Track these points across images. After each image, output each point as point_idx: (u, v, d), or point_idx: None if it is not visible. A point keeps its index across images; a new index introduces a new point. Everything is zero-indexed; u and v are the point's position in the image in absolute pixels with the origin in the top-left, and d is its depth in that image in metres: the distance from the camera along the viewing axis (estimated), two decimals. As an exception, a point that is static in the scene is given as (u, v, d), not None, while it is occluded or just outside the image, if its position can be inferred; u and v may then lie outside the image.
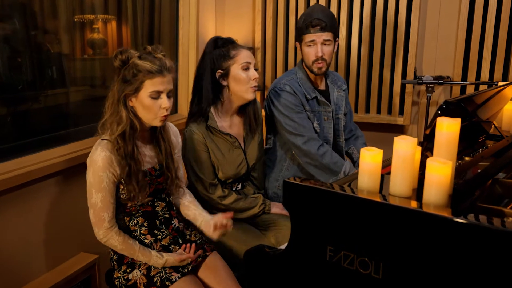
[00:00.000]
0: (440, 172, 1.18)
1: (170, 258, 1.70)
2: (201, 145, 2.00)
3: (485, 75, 2.77)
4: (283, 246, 1.76)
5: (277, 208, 2.17)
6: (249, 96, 2.03)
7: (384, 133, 3.10)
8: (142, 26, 2.75)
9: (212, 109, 2.04)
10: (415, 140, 1.26)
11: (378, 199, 1.27)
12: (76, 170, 2.10)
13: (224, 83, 2.02)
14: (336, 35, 2.23)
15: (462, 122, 1.30)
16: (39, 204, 1.96)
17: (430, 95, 2.74)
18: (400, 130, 3.07)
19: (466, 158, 1.69)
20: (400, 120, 2.98)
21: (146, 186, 1.70)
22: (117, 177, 1.65)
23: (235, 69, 1.99)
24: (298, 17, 3.09)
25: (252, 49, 3.22)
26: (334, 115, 2.33)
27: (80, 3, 2.31)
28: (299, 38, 2.25)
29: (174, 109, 3.03)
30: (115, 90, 1.64)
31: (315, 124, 2.24)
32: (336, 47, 2.27)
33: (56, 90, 2.25)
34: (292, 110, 2.18)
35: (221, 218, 1.76)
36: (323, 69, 2.22)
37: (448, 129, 1.28)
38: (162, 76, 1.62)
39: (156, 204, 1.79)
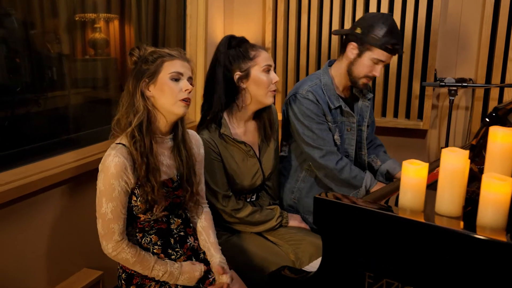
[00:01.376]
0: (499, 190, 1.03)
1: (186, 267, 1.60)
2: (214, 154, 1.85)
3: (510, 77, 2.62)
4: (309, 267, 1.61)
5: (295, 221, 2.02)
6: (268, 100, 1.89)
7: (401, 138, 2.96)
8: (146, 25, 2.62)
9: (225, 115, 1.89)
10: (466, 152, 1.11)
11: (423, 219, 1.11)
12: (79, 180, 1.95)
13: (243, 85, 1.87)
14: None
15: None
16: (38, 218, 1.81)
17: (453, 98, 2.59)
18: (419, 134, 2.92)
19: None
20: (419, 125, 2.83)
21: (163, 196, 1.55)
22: (130, 186, 1.50)
23: (256, 72, 1.84)
24: (310, 15, 2.96)
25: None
26: (357, 127, 2.17)
27: (81, 1, 2.18)
28: (365, 43, 2.00)
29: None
30: (130, 83, 1.54)
31: (336, 136, 2.08)
32: None
33: (56, 92, 2.12)
34: (313, 120, 2.02)
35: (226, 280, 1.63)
36: (365, 87, 2.11)
37: (503, 140, 1.13)
38: (182, 60, 1.55)
39: (171, 221, 1.63)
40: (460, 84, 2.54)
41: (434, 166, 1.84)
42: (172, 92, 1.51)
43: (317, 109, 2.03)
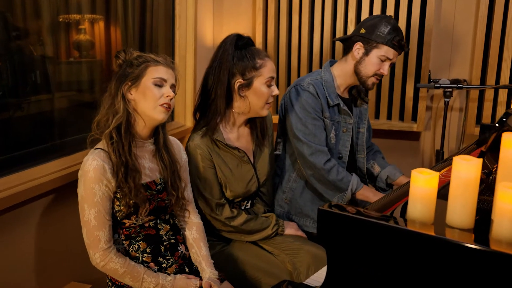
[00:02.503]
0: (516, 201, 0.97)
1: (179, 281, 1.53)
2: (206, 161, 1.77)
3: (505, 78, 2.58)
4: (310, 281, 1.54)
5: (291, 229, 1.95)
6: (264, 113, 1.84)
7: (395, 140, 2.91)
8: (133, 26, 2.53)
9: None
10: (479, 161, 1.05)
11: (432, 232, 1.05)
12: (64, 190, 1.85)
13: (242, 93, 1.79)
14: None
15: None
16: (23, 231, 1.71)
17: (448, 100, 2.54)
18: (413, 137, 2.88)
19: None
20: (413, 127, 2.78)
21: (145, 198, 1.50)
22: (111, 190, 1.46)
23: (259, 83, 1.77)
24: (302, 16, 2.89)
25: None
26: (355, 128, 2.13)
27: (65, 2, 2.09)
28: (371, 42, 1.99)
29: (170, 116, 2.78)
30: (112, 86, 1.54)
31: (332, 134, 2.03)
32: None
33: (40, 96, 2.04)
34: (309, 114, 1.97)
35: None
36: (373, 86, 2.07)
37: (517, 147, 1.08)
38: (167, 67, 1.55)
39: (159, 226, 1.58)
40: (455, 85, 2.49)
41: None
42: (154, 97, 1.50)
43: (316, 103, 1.99)
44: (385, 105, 2.84)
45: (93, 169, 1.43)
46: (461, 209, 1.07)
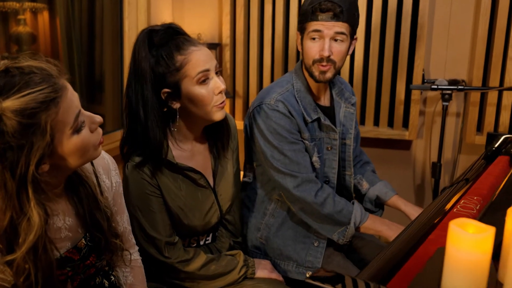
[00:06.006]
0: None
1: None
2: (150, 188, 1.34)
3: (510, 78, 2.25)
4: None
5: (264, 270, 1.54)
6: (217, 116, 1.38)
7: (383, 149, 2.56)
8: (80, 15, 2.21)
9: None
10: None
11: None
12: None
13: (176, 105, 1.36)
14: (353, 31, 1.60)
15: None
16: None
17: (446, 104, 2.18)
18: (404, 146, 2.53)
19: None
20: (404, 135, 2.42)
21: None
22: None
23: (188, 86, 1.32)
24: (276, 5, 2.52)
25: (219, 46, 2.60)
26: (340, 141, 1.72)
27: (0, -12, 1.83)
28: (301, 26, 1.61)
29: (120, 123, 2.37)
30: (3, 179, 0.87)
31: (314, 158, 1.61)
32: (351, 48, 1.63)
33: None
34: (284, 140, 1.55)
35: None
36: (328, 76, 1.58)
37: None
38: (65, 92, 0.93)
39: None
40: (455, 87, 2.14)
41: (446, 201, 1.42)
42: (87, 145, 0.99)
43: (290, 124, 1.56)
44: (372, 109, 2.48)
45: None
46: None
